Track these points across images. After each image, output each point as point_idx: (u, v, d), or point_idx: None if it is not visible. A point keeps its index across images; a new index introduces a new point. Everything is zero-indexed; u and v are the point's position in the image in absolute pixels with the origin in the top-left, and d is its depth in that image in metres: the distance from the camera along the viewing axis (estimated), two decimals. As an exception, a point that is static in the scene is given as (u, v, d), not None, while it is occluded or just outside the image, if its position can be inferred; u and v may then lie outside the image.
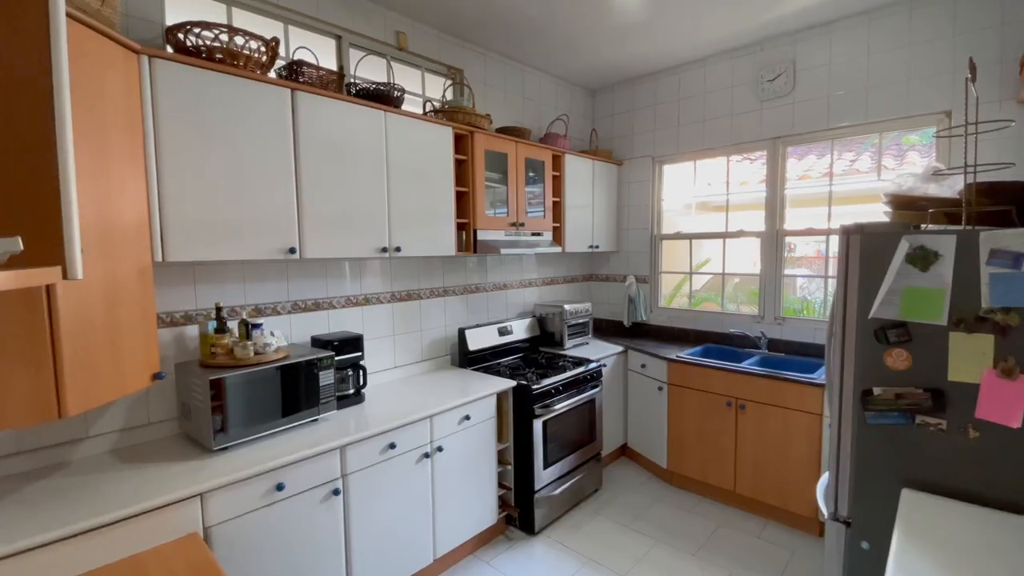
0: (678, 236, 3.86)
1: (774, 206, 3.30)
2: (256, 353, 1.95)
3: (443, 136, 2.62)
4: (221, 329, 1.95)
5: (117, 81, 1.57)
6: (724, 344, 3.50)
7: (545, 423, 2.73)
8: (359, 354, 2.37)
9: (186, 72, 1.75)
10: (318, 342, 2.31)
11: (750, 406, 2.88)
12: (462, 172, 2.79)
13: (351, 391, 2.34)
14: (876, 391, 1.60)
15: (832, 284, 3.28)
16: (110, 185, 1.53)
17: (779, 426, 2.78)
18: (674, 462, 3.24)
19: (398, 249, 2.41)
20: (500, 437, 2.71)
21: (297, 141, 2.04)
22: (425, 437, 2.25)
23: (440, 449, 2.31)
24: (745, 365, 2.99)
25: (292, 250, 2.03)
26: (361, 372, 2.38)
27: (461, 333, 3.00)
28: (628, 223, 4.02)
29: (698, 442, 3.10)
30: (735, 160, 3.65)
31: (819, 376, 2.73)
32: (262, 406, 1.91)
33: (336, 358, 2.26)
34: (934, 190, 1.84)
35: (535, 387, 2.68)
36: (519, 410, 2.69)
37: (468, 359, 3.00)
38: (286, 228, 2.02)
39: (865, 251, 1.61)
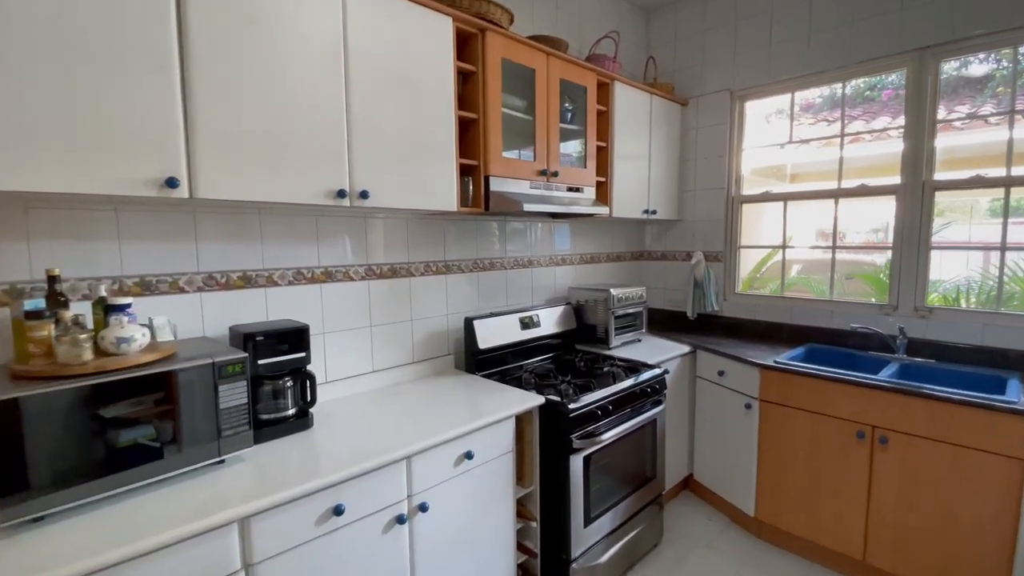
0: (767, 197, 2.88)
1: (918, 147, 2.30)
2: (101, 353, 1.15)
3: (438, 29, 1.75)
4: (41, 315, 1.15)
5: None
6: (835, 344, 2.53)
7: (587, 459, 1.85)
8: (302, 355, 1.54)
9: None
10: (239, 336, 1.49)
11: (896, 440, 1.92)
12: (469, 91, 1.92)
13: (290, 412, 1.52)
14: None
15: (1013, 257, 2.27)
16: None
17: (945, 471, 1.83)
18: (767, 509, 2.30)
19: (364, 195, 1.56)
20: (520, 478, 1.85)
21: (183, 4, 1.21)
22: (398, 491, 1.41)
23: (423, 508, 1.46)
24: (885, 377, 2.03)
25: (172, 182, 1.20)
26: (307, 383, 1.56)
27: (469, 325, 2.15)
28: (694, 182, 3.07)
29: (807, 485, 2.16)
30: (807, 122, 2.67)
31: (1021, 399, 1.75)
32: (103, 447, 1.10)
33: (261, 362, 1.45)
34: None
35: (573, 406, 1.80)
36: (549, 439, 1.82)
37: (478, 361, 2.15)
38: (160, 144, 1.19)
39: None
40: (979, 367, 2.12)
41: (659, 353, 2.48)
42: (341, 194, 1.51)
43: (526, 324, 2.35)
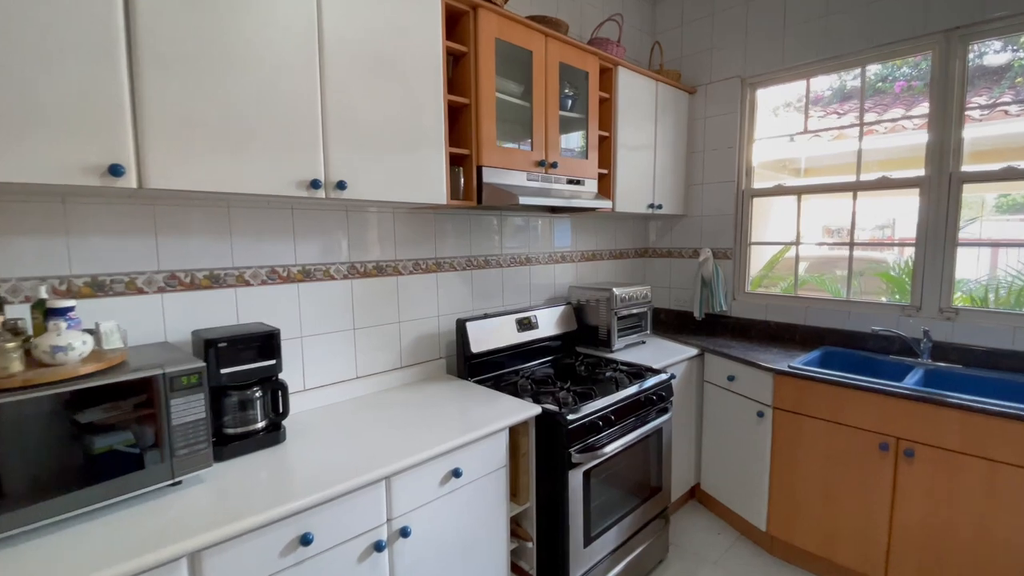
0: (780, 191, 2.72)
1: (944, 137, 2.14)
2: (34, 364, 1.01)
3: (426, 4, 1.59)
4: (-34, 318, 1.01)
5: None
6: (853, 347, 2.37)
7: (588, 474, 1.71)
8: (272, 363, 1.40)
9: None
10: (201, 341, 1.35)
11: (922, 453, 1.78)
12: (460, 74, 1.78)
13: (259, 426, 1.38)
14: None
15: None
16: None
17: (977, 488, 1.68)
18: (779, 524, 2.16)
19: (341, 186, 1.41)
20: (515, 494, 1.71)
21: (129, -34, 1.07)
22: (376, 514, 1.27)
23: (405, 533, 1.32)
24: (910, 385, 1.88)
25: (116, 169, 1.06)
26: (279, 394, 1.41)
27: (461, 327, 2.00)
28: (702, 175, 2.91)
29: (824, 499, 2.02)
30: (817, 115, 2.51)
31: (1066, 411, 1.60)
32: (36, 470, 0.96)
33: (224, 371, 1.30)
34: None
35: (573, 417, 1.66)
36: (547, 453, 1.68)
37: (471, 366, 2.01)
38: (102, 125, 1.05)
39: None
40: (1011, 373, 1.96)
41: (665, 356, 2.33)
42: (315, 184, 1.36)
43: (523, 326, 2.20)
